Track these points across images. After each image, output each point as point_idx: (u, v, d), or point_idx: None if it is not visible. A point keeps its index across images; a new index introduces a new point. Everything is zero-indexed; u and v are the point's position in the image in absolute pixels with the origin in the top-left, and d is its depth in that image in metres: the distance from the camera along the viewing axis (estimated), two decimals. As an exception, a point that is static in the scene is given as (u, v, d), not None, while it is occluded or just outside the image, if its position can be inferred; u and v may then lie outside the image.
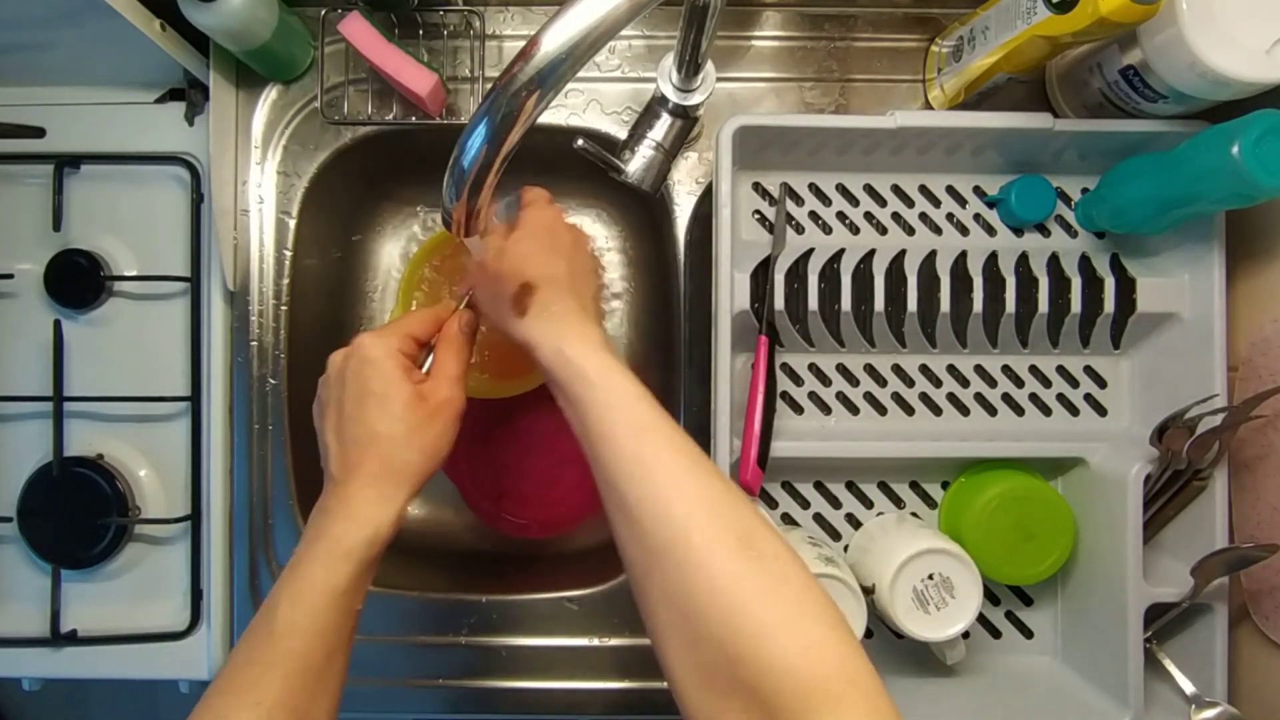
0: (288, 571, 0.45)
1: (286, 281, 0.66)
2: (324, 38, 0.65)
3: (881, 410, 0.64)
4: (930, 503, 0.66)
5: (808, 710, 0.33)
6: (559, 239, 0.51)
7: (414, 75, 0.60)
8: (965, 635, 0.58)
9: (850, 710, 0.34)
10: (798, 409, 0.64)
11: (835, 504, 0.65)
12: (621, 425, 0.43)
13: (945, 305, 0.61)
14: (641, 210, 0.78)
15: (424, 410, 0.47)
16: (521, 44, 0.34)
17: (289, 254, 0.67)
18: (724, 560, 0.38)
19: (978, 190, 0.64)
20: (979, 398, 0.64)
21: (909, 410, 0.64)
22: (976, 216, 0.64)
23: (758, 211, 0.64)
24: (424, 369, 0.50)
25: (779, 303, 0.61)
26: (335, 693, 0.44)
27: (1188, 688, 0.59)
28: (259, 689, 0.41)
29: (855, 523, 0.65)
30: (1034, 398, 0.65)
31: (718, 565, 0.37)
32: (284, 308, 0.66)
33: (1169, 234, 0.60)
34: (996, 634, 0.65)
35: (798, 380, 0.64)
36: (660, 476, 0.41)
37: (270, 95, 0.66)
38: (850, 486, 0.65)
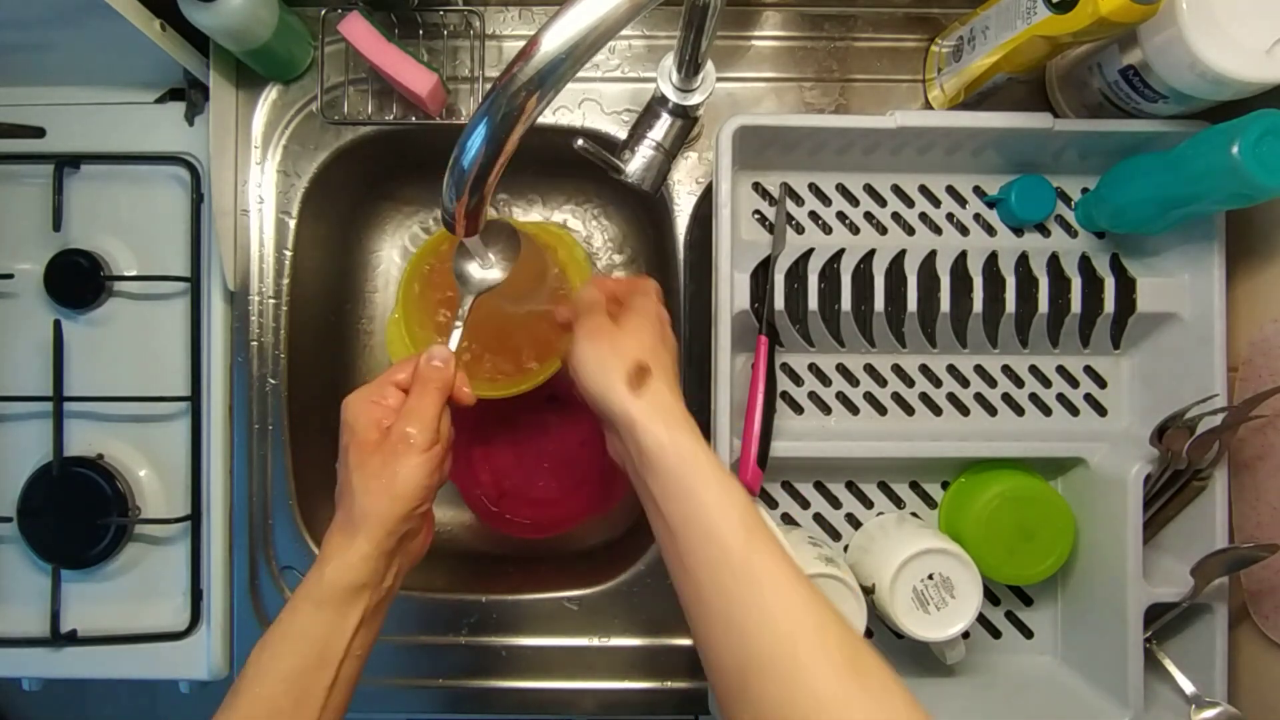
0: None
1: (286, 281, 0.66)
2: (324, 38, 0.65)
3: (881, 410, 0.64)
4: (930, 503, 0.66)
5: None
6: (667, 336, 0.52)
7: (414, 75, 0.60)
8: (965, 635, 0.58)
9: None
10: (798, 409, 0.64)
11: (835, 504, 0.65)
12: (733, 525, 0.41)
13: (945, 305, 0.61)
14: (641, 210, 0.78)
15: (381, 452, 0.45)
16: (521, 44, 0.34)
17: (289, 254, 0.67)
18: (831, 680, 0.37)
19: (978, 190, 0.64)
20: (979, 398, 0.64)
21: (909, 410, 0.64)
22: (976, 216, 0.64)
23: (758, 211, 0.64)
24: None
25: (779, 303, 0.61)
26: None
27: (1188, 688, 0.59)
28: None
29: (855, 523, 0.65)
30: (1034, 398, 0.65)
31: (824, 684, 0.36)
32: (284, 308, 0.66)
33: (1169, 234, 0.60)
34: (996, 634, 0.65)
35: (798, 380, 0.64)
36: (769, 585, 0.40)
37: (270, 95, 0.66)
38: (850, 486, 0.65)
